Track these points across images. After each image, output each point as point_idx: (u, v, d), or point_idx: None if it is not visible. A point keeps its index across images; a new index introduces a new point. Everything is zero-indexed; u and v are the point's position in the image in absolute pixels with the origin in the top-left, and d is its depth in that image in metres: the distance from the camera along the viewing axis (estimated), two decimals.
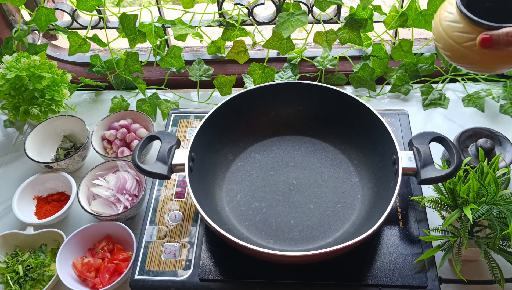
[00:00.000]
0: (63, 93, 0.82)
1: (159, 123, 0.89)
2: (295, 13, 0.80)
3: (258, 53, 0.96)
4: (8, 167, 0.84)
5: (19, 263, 0.67)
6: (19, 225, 0.73)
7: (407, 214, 0.64)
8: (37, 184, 0.76)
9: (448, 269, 0.64)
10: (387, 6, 0.91)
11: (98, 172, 0.74)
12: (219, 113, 0.67)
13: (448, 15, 0.49)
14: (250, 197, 0.67)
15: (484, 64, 0.48)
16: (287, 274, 0.58)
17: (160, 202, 0.68)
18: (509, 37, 0.40)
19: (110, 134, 0.79)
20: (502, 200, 0.55)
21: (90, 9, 0.82)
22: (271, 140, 0.73)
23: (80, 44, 0.87)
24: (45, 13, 0.84)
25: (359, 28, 0.83)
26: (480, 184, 0.55)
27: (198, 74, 0.90)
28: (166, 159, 0.60)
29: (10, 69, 0.77)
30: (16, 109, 0.82)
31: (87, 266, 0.64)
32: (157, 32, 0.87)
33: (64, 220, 0.74)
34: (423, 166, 0.57)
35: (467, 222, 0.55)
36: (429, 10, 0.81)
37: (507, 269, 0.58)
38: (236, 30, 0.86)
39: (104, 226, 0.68)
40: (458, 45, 0.47)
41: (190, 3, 0.83)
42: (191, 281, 0.59)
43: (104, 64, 0.93)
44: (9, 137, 0.89)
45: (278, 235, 0.62)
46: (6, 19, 0.94)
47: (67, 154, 0.81)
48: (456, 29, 0.47)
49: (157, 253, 0.62)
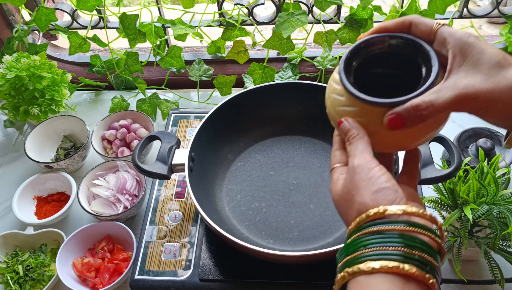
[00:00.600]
0: (63, 93, 0.82)
1: (159, 123, 0.89)
2: (295, 13, 0.80)
3: (258, 53, 0.96)
4: (8, 167, 0.84)
5: (19, 263, 0.67)
6: (19, 225, 0.73)
7: None
8: (37, 184, 0.76)
9: (448, 269, 0.64)
10: (387, 6, 0.91)
11: (98, 172, 0.74)
12: (219, 113, 0.67)
13: (336, 87, 0.38)
14: (250, 197, 0.67)
15: (395, 145, 0.38)
16: (287, 274, 0.58)
17: (160, 202, 0.68)
18: (421, 111, 0.34)
19: (110, 134, 0.79)
20: (502, 200, 0.55)
21: (90, 9, 0.82)
22: (271, 140, 0.73)
23: (80, 44, 0.87)
24: (45, 13, 0.84)
25: (359, 28, 0.83)
26: (480, 184, 0.55)
27: (198, 74, 0.90)
28: (166, 159, 0.60)
29: (10, 69, 0.77)
30: (16, 109, 0.82)
31: (87, 266, 0.64)
32: (157, 32, 0.87)
33: (64, 220, 0.74)
34: (423, 166, 0.57)
35: (467, 222, 0.55)
36: (429, 10, 0.81)
37: (507, 269, 0.58)
38: (236, 30, 0.86)
39: (104, 226, 0.68)
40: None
41: (190, 3, 0.83)
42: (191, 281, 0.59)
43: (104, 64, 0.93)
44: (9, 137, 0.89)
45: (278, 235, 0.62)
46: (6, 19, 0.94)
47: (67, 154, 0.81)
48: (348, 112, 0.37)
49: (157, 253, 0.62)
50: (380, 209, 0.32)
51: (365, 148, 0.36)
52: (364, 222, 0.33)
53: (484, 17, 0.89)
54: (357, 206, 0.34)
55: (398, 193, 0.33)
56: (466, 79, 0.34)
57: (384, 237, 0.31)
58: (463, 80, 0.34)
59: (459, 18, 0.88)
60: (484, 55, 0.34)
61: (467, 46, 0.35)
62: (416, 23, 0.38)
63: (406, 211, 0.32)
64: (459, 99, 0.34)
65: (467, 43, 0.35)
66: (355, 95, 0.36)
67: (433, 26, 0.37)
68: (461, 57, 0.35)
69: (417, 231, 0.31)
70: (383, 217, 0.32)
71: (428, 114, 0.34)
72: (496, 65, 0.34)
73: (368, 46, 0.39)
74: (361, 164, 0.35)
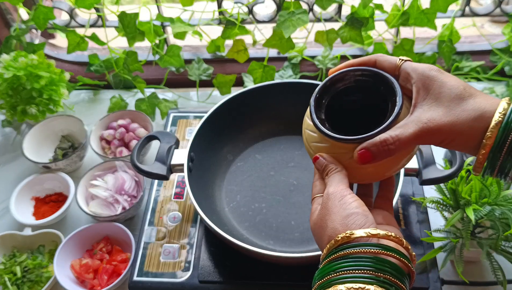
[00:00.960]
0: (61, 93, 0.81)
1: (158, 122, 0.88)
2: (295, 11, 0.80)
3: (258, 52, 0.95)
4: (6, 167, 0.83)
5: (16, 264, 0.66)
6: (17, 226, 0.72)
7: (408, 215, 0.63)
8: (35, 184, 0.75)
9: (450, 270, 0.63)
10: (389, 4, 0.90)
11: (97, 172, 0.73)
12: (218, 113, 0.66)
13: (310, 123, 0.40)
14: (250, 197, 0.66)
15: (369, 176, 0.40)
16: (287, 275, 0.58)
17: (159, 202, 0.67)
18: (388, 145, 0.35)
19: (109, 134, 0.79)
20: (504, 200, 0.55)
21: (89, 7, 0.82)
22: (271, 140, 0.73)
23: (79, 42, 0.86)
24: (43, 11, 0.84)
25: (360, 27, 0.82)
26: (483, 184, 0.55)
27: (197, 73, 0.90)
28: (165, 159, 0.60)
29: (7, 68, 0.77)
30: (13, 108, 0.81)
31: (85, 267, 0.63)
32: (156, 30, 0.86)
33: (62, 221, 0.74)
34: (425, 167, 0.57)
35: (469, 223, 0.55)
36: (431, 9, 0.80)
37: (510, 270, 0.58)
38: (236, 29, 0.85)
39: (102, 227, 0.67)
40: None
41: (189, 1, 0.83)
42: (191, 283, 0.58)
43: (102, 63, 0.92)
44: (7, 137, 0.89)
45: (278, 236, 0.62)
46: (4, 18, 0.93)
47: (65, 154, 0.81)
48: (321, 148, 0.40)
49: (156, 254, 0.61)
50: (347, 233, 0.33)
51: (341, 179, 0.38)
52: (334, 247, 0.34)
53: (486, 16, 0.88)
54: (329, 231, 0.35)
55: (368, 218, 0.34)
56: (429, 113, 0.35)
57: (353, 261, 0.32)
58: (426, 114, 0.35)
59: (460, 16, 0.88)
60: (445, 88, 0.35)
61: (429, 80, 0.36)
62: (380, 61, 0.39)
63: (371, 233, 0.33)
64: (423, 133, 0.35)
65: (429, 77, 0.36)
66: (324, 133, 0.38)
67: (397, 62, 0.38)
68: (424, 91, 0.36)
69: (385, 253, 0.32)
70: (350, 241, 0.33)
71: (395, 148, 0.35)
72: (456, 98, 0.35)
73: (335, 83, 0.41)
74: (335, 191, 0.37)
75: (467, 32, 0.95)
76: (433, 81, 0.36)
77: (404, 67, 0.38)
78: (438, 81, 0.36)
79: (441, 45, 0.87)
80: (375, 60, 0.40)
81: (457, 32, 0.86)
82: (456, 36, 0.86)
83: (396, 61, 0.39)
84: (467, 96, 0.35)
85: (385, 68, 0.39)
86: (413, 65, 0.38)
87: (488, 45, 0.90)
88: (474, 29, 0.89)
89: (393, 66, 0.39)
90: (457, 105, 0.35)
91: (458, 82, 0.36)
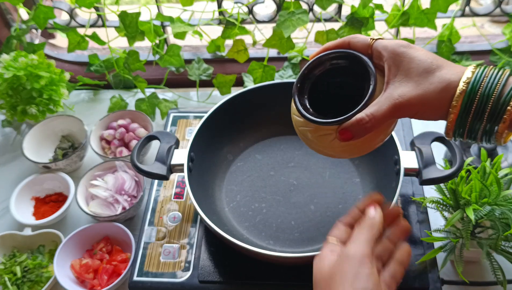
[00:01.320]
0: (61, 93, 0.81)
1: (158, 122, 0.88)
2: (295, 11, 0.80)
3: (258, 52, 0.95)
4: (6, 167, 0.83)
5: (16, 264, 0.66)
6: (17, 226, 0.72)
7: (408, 215, 0.63)
8: (35, 184, 0.75)
9: (450, 270, 0.63)
10: (389, 4, 0.90)
11: (97, 172, 0.73)
12: (218, 113, 0.66)
13: (295, 109, 0.44)
14: (250, 197, 0.66)
15: (355, 151, 0.43)
16: (288, 275, 0.58)
17: (159, 202, 0.67)
18: (364, 124, 0.38)
19: (109, 134, 0.79)
20: (504, 200, 0.54)
21: (89, 6, 0.82)
22: (271, 140, 0.73)
23: (79, 42, 0.87)
24: (43, 10, 0.84)
25: (360, 27, 0.82)
26: (482, 184, 0.55)
27: (197, 73, 0.90)
28: (165, 159, 0.60)
29: (7, 68, 0.77)
30: (13, 108, 0.81)
31: (85, 267, 0.63)
32: (156, 30, 0.86)
33: (62, 221, 0.74)
34: (425, 167, 0.57)
35: (469, 223, 0.55)
36: (431, 9, 0.80)
37: (510, 270, 0.58)
38: (236, 29, 0.85)
39: (102, 227, 0.67)
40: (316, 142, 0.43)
41: (189, 1, 0.83)
42: (191, 283, 0.58)
43: (102, 63, 0.92)
44: (7, 137, 0.89)
45: (278, 236, 0.62)
46: (4, 18, 0.93)
47: (65, 154, 0.81)
48: (309, 131, 0.43)
49: (156, 254, 0.61)
50: None
51: (368, 240, 0.38)
52: None
53: (486, 16, 0.88)
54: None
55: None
56: (400, 89, 0.38)
57: None
58: (397, 90, 0.38)
59: (461, 16, 0.88)
60: (414, 63, 0.37)
61: (399, 56, 0.38)
62: (353, 42, 0.41)
63: None
64: (396, 108, 0.37)
65: (398, 54, 0.38)
66: (307, 118, 0.41)
67: (369, 41, 0.40)
68: (395, 68, 0.38)
69: None
70: None
71: (372, 126, 0.38)
72: (424, 72, 0.37)
73: (312, 70, 0.44)
74: (356, 255, 0.36)
75: (467, 32, 0.95)
76: (402, 57, 0.38)
77: (375, 45, 0.40)
78: (407, 57, 0.38)
79: (441, 45, 0.87)
80: (348, 42, 0.42)
81: (457, 32, 0.86)
82: (456, 36, 0.86)
83: (367, 40, 0.40)
84: (435, 69, 0.37)
85: (359, 48, 0.41)
86: (383, 43, 0.39)
87: (488, 45, 0.90)
88: (474, 29, 0.89)
89: (365, 45, 0.40)
90: (425, 79, 0.37)
91: (426, 56, 0.37)
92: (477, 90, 0.35)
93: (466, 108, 0.36)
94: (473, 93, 0.35)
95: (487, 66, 0.37)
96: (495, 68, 0.36)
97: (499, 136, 0.36)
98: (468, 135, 0.38)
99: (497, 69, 0.36)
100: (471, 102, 0.35)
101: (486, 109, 0.35)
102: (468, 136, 0.38)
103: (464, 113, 0.36)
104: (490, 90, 0.35)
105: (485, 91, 0.35)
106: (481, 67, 0.36)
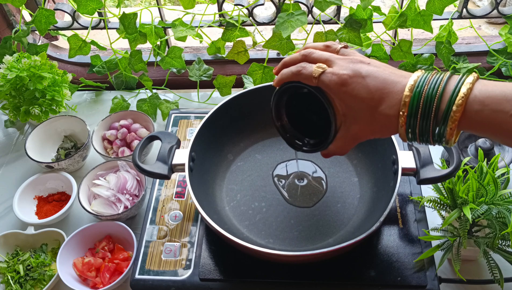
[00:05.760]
0: (63, 93, 0.82)
1: (159, 123, 0.89)
2: (294, 13, 0.81)
3: (258, 53, 0.96)
4: (9, 167, 0.84)
5: (19, 263, 0.67)
6: (20, 225, 0.73)
7: (406, 214, 0.64)
8: (37, 184, 0.76)
9: (448, 268, 0.64)
10: (387, 6, 0.91)
11: (99, 172, 0.74)
12: (219, 113, 0.67)
13: None
14: (250, 196, 0.67)
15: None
16: (287, 273, 0.59)
17: (161, 202, 0.68)
18: (332, 154, 0.51)
19: (111, 134, 0.80)
20: (501, 199, 0.55)
21: (91, 12, 0.83)
22: (271, 140, 0.74)
23: (80, 46, 0.87)
24: (45, 15, 0.84)
25: (358, 29, 0.83)
26: (480, 184, 0.55)
27: (198, 74, 0.91)
28: (167, 159, 0.60)
29: (10, 69, 0.78)
30: (16, 109, 0.82)
31: (87, 265, 0.64)
32: (157, 32, 0.87)
33: (65, 220, 0.74)
34: (423, 166, 0.57)
35: (466, 222, 0.55)
36: (428, 11, 0.81)
37: (507, 268, 0.59)
38: (236, 31, 0.86)
39: (104, 226, 0.68)
40: None
41: (191, 4, 0.83)
42: (191, 281, 0.59)
43: (104, 64, 0.93)
44: (10, 137, 0.90)
45: (278, 235, 0.62)
46: (7, 19, 0.94)
47: (68, 154, 0.81)
48: None
49: (157, 253, 0.62)
50: None
51: None
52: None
53: (483, 18, 0.89)
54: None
55: None
56: (352, 128, 0.45)
57: None
58: (350, 130, 0.46)
59: (458, 18, 0.88)
60: (355, 102, 0.43)
61: (342, 96, 0.43)
62: (302, 73, 0.46)
63: None
64: (355, 142, 0.47)
65: (340, 94, 0.43)
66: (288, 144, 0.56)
67: (312, 78, 0.45)
68: (343, 104, 0.44)
69: None
70: None
71: (340, 154, 0.50)
72: (368, 110, 0.42)
73: (281, 97, 0.52)
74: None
75: (464, 34, 0.96)
76: (344, 97, 0.43)
77: (321, 83, 0.44)
78: (348, 95, 0.43)
79: (439, 46, 0.87)
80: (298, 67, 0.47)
81: (454, 34, 0.87)
82: (454, 37, 0.87)
83: (312, 75, 0.44)
84: (376, 104, 0.42)
85: (306, 81, 0.46)
86: (325, 82, 0.44)
87: (485, 46, 0.90)
88: (471, 30, 0.90)
89: (311, 79, 0.45)
90: (371, 117, 0.43)
91: (367, 90, 0.42)
92: (421, 94, 0.39)
93: (413, 111, 0.40)
94: (417, 98, 0.40)
95: (429, 72, 0.41)
96: (437, 72, 0.41)
97: (449, 136, 0.39)
98: (420, 137, 0.42)
99: (438, 73, 0.41)
100: (417, 105, 0.40)
101: (431, 110, 0.39)
102: (420, 138, 0.42)
103: (412, 116, 0.40)
104: (433, 92, 0.39)
105: (428, 93, 0.39)
106: (424, 73, 0.41)
